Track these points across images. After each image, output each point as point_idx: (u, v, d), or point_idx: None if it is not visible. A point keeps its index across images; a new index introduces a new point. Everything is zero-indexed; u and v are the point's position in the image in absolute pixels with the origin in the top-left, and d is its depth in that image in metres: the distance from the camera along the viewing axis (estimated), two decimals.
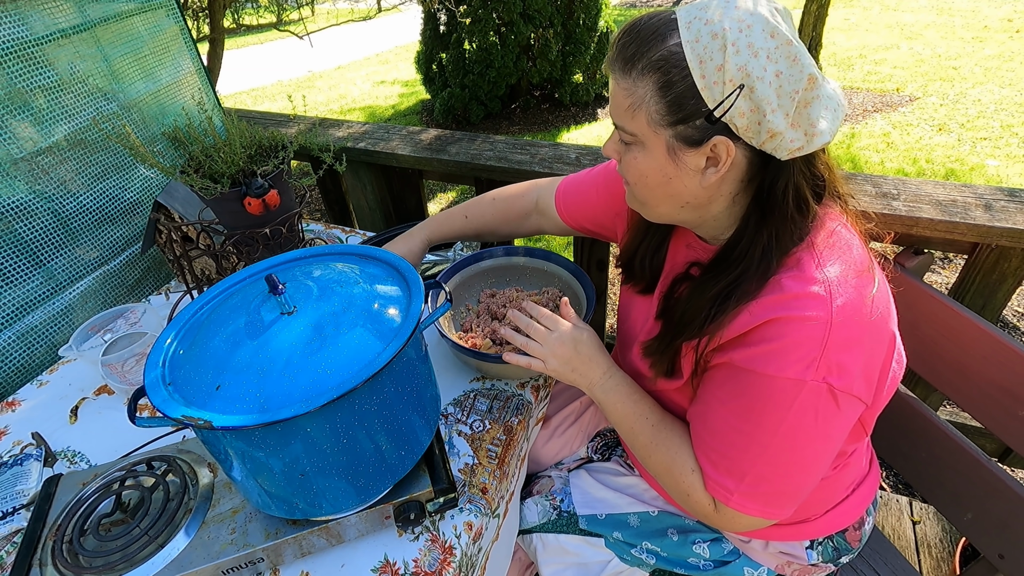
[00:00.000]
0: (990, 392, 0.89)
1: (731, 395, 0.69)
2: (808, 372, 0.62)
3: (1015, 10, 6.74)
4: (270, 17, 8.85)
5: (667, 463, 0.77)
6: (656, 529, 0.93)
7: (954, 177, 3.44)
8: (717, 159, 0.63)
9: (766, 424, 0.66)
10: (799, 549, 0.87)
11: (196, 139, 1.10)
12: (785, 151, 0.61)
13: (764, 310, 0.64)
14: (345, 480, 0.64)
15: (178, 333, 0.66)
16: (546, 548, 0.97)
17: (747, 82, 0.57)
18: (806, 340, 0.62)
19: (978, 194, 1.27)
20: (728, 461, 0.70)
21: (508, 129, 4.85)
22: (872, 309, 0.65)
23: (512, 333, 0.88)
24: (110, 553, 0.67)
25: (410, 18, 7.24)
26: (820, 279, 0.63)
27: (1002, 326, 2.32)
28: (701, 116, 0.60)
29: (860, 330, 0.63)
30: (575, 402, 1.12)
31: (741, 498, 0.70)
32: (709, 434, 0.73)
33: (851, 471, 0.87)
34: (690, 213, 0.71)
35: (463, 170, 1.75)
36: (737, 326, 0.66)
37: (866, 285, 0.65)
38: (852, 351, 0.63)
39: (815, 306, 0.62)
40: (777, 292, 0.64)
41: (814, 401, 0.63)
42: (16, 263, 1.09)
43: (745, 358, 0.66)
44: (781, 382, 0.63)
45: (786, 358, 0.63)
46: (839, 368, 0.62)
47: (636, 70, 0.62)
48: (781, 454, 0.67)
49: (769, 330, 0.64)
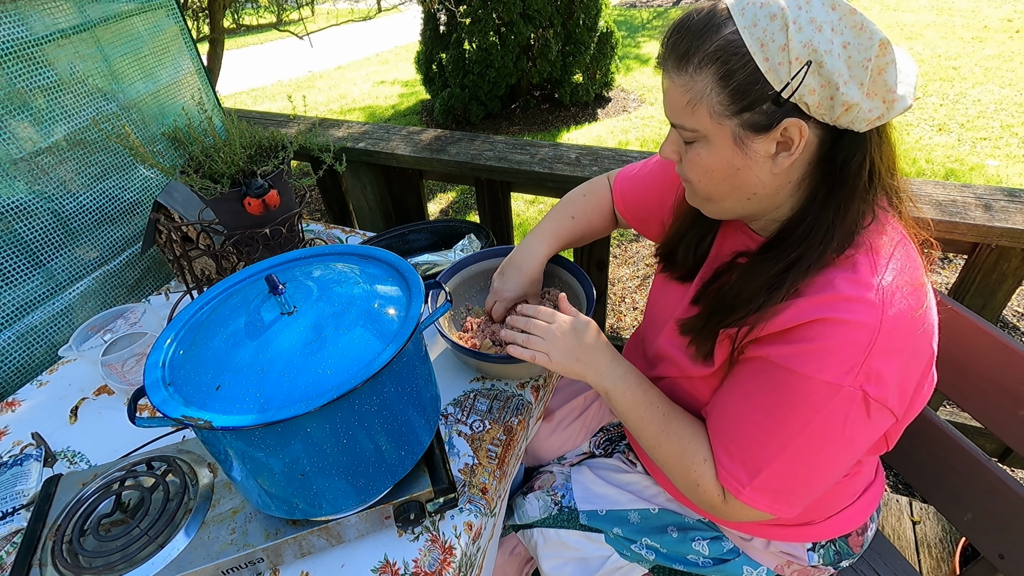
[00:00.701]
0: (990, 392, 0.89)
1: (760, 389, 0.68)
2: (847, 378, 0.61)
3: (1015, 10, 6.74)
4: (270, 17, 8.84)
5: (677, 452, 0.76)
6: (656, 526, 0.93)
7: (954, 177, 3.44)
8: (789, 142, 0.62)
9: (792, 423, 0.65)
10: (800, 550, 0.87)
11: (196, 139, 1.11)
12: (864, 122, 0.59)
13: (813, 308, 0.63)
14: (345, 480, 0.64)
15: (178, 333, 0.66)
16: (547, 543, 0.97)
17: (814, 58, 0.56)
18: (851, 345, 0.60)
19: (978, 194, 1.27)
20: (745, 453, 0.69)
21: (508, 129, 4.85)
22: (919, 324, 0.64)
23: (512, 333, 0.87)
24: (110, 553, 0.67)
25: (410, 18, 7.24)
26: (875, 285, 0.61)
27: (1002, 326, 2.31)
28: (768, 100, 0.59)
29: (904, 342, 0.62)
30: (579, 397, 1.12)
31: (752, 492, 0.69)
32: (730, 425, 0.72)
33: (861, 479, 0.87)
34: (756, 205, 0.69)
35: (463, 170, 1.75)
36: (782, 320, 0.64)
37: (919, 299, 0.64)
38: (893, 362, 0.62)
39: (866, 312, 0.60)
40: (829, 291, 0.63)
41: (846, 407, 0.62)
42: (16, 263, 1.09)
43: (783, 355, 0.65)
44: (816, 384, 0.62)
45: (827, 360, 0.61)
46: (878, 378, 0.61)
47: (692, 65, 0.61)
48: (801, 455, 0.66)
49: (814, 329, 0.62)
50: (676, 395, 0.83)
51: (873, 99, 0.58)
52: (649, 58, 6.28)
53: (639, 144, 4.28)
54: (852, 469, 0.83)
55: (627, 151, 1.66)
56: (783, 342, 0.65)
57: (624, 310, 2.63)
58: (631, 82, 5.57)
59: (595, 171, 1.56)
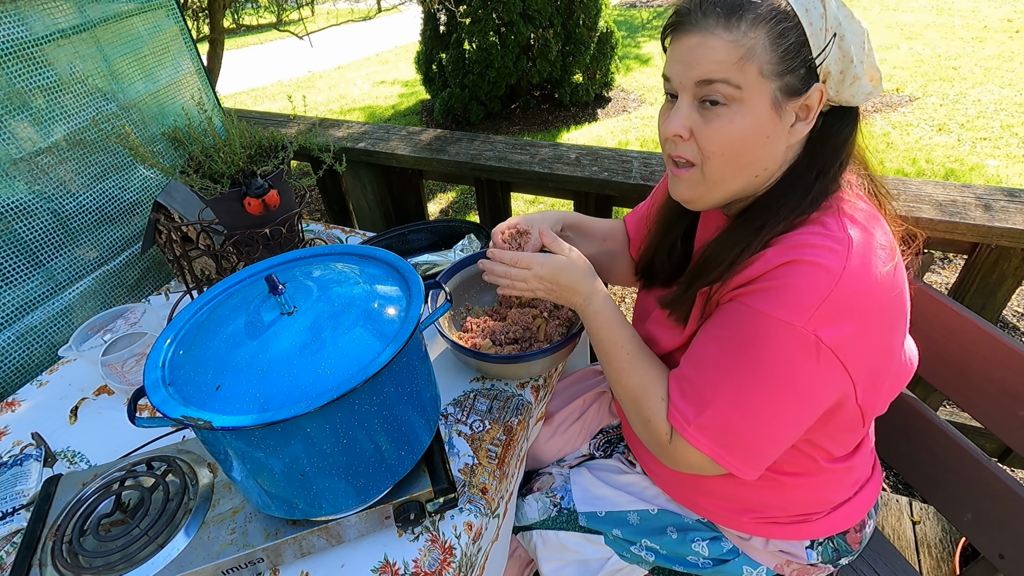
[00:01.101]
0: (990, 392, 0.89)
1: (720, 326, 0.70)
2: (800, 318, 0.62)
3: (1015, 10, 6.74)
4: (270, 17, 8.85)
5: (637, 388, 0.78)
6: (655, 527, 0.93)
7: (954, 177, 3.44)
8: (806, 111, 0.65)
9: (742, 359, 0.66)
10: (799, 548, 0.87)
11: (196, 139, 1.11)
12: (863, 95, 0.65)
13: (779, 254, 0.65)
14: (345, 480, 0.64)
15: (178, 333, 0.66)
16: (546, 545, 0.97)
17: (839, 31, 0.61)
18: (810, 287, 0.62)
19: (978, 194, 1.27)
20: (696, 391, 0.71)
21: (508, 129, 4.85)
22: (886, 284, 0.64)
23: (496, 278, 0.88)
24: (110, 553, 0.67)
25: (410, 18, 7.25)
26: (841, 238, 0.64)
27: (1002, 326, 2.31)
28: (804, 66, 0.62)
29: (866, 296, 0.63)
30: (578, 399, 1.12)
31: (696, 431, 0.70)
32: (688, 364, 0.73)
33: (855, 472, 0.86)
34: (759, 183, 0.71)
35: (463, 170, 1.75)
36: (753, 270, 0.66)
37: (886, 260, 0.65)
38: (852, 314, 0.62)
39: (829, 257, 0.62)
40: (794, 241, 0.65)
41: (796, 348, 0.63)
42: (16, 263, 1.09)
43: (746, 294, 0.67)
44: (771, 321, 0.63)
45: (784, 299, 0.63)
46: (832, 323, 0.62)
47: (745, 21, 0.61)
48: (747, 393, 0.67)
49: (778, 272, 0.64)
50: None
51: (867, 77, 0.64)
52: (649, 58, 6.28)
53: (639, 144, 4.28)
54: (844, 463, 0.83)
55: (627, 151, 1.66)
56: (750, 285, 0.67)
57: (624, 310, 2.63)
58: (631, 82, 5.57)
59: (595, 171, 1.56)
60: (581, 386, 1.16)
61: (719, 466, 0.71)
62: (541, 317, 1.05)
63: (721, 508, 0.88)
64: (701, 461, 0.71)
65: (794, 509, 0.85)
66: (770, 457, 0.71)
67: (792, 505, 0.85)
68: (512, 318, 1.03)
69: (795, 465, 0.80)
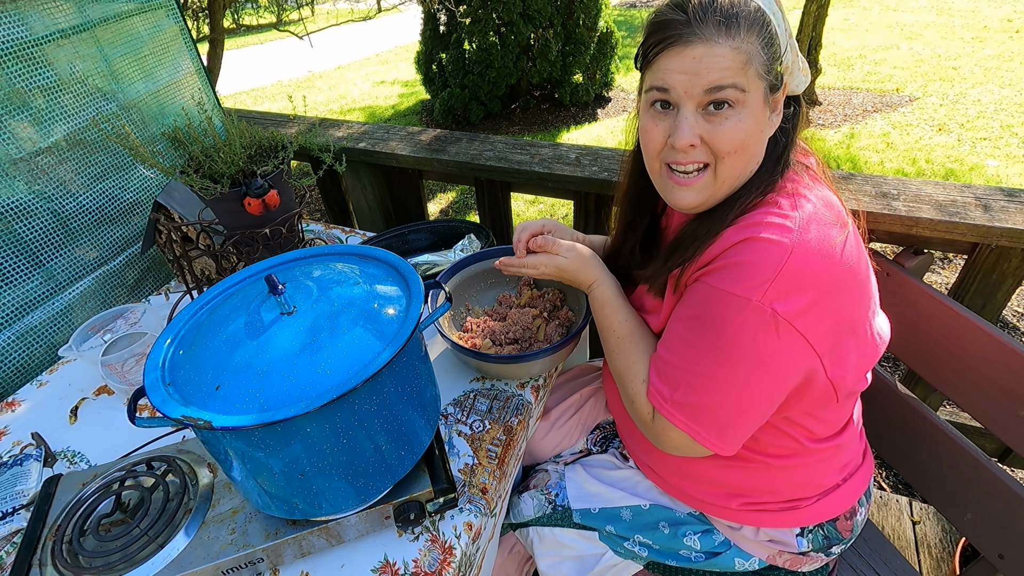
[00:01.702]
0: (990, 392, 0.89)
1: (687, 307, 0.74)
2: (755, 292, 0.65)
3: (1015, 10, 6.74)
4: (270, 17, 8.85)
5: (624, 367, 0.83)
6: (647, 522, 0.93)
7: (954, 177, 3.44)
8: (777, 103, 0.72)
9: (706, 336, 0.70)
10: (789, 536, 0.88)
11: (196, 139, 1.11)
12: (803, 85, 0.74)
13: (734, 233, 0.69)
14: (345, 480, 0.64)
15: (178, 333, 0.66)
16: (542, 541, 0.97)
17: (790, 30, 0.69)
18: (763, 262, 0.65)
19: (977, 194, 1.27)
20: (670, 369, 0.74)
21: (508, 129, 4.85)
22: (840, 256, 0.67)
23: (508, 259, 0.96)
24: (110, 553, 0.67)
25: (410, 18, 7.25)
26: (792, 215, 0.68)
27: (1002, 326, 2.32)
28: (780, 63, 0.69)
29: (819, 268, 0.65)
30: (575, 394, 1.13)
31: (672, 407, 0.73)
32: (663, 345, 0.77)
33: (842, 455, 0.87)
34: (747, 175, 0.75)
35: (463, 170, 1.75)
36: (713, 250, 0.70)
37: (839, 234, 0.68)
38: (807, 286, 0.65)
39: (780, 232, 0.66)
40: (750, 219, 0.69)
41: (754, 322, 0.65)
42: (16, 263, 1.09)
43: (707, 273, 0.71)
44: (729, 297, 0.67)
45: (740, 275, 0.66)
46: (787, 297, 0.64)
47: (742, 28, 0.66)
48: (712, 368, 0.70)
49: (734, 250, 0.68)
50: None
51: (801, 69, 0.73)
52: None
53: None
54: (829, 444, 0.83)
55: (627, 151, 1.66)
56: (711, 265, 0.71)
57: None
58: (631, 82, 5.56)
59: (595, 171, 1.56)
60: (579, 381, 1.17)
61: (697, 443, 0.73)
62: (541, 317, 1.05)
63: (710, 494, 0.88)
64: (681, 439, 0.75)
65: (783, 494, 0.86)
66: (744, 432, 0.74)
67: (780, 489, 0.86)
68: (512, 318, 1.03)
69: (779, 447, 0.82)
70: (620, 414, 0.99)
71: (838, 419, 0.84)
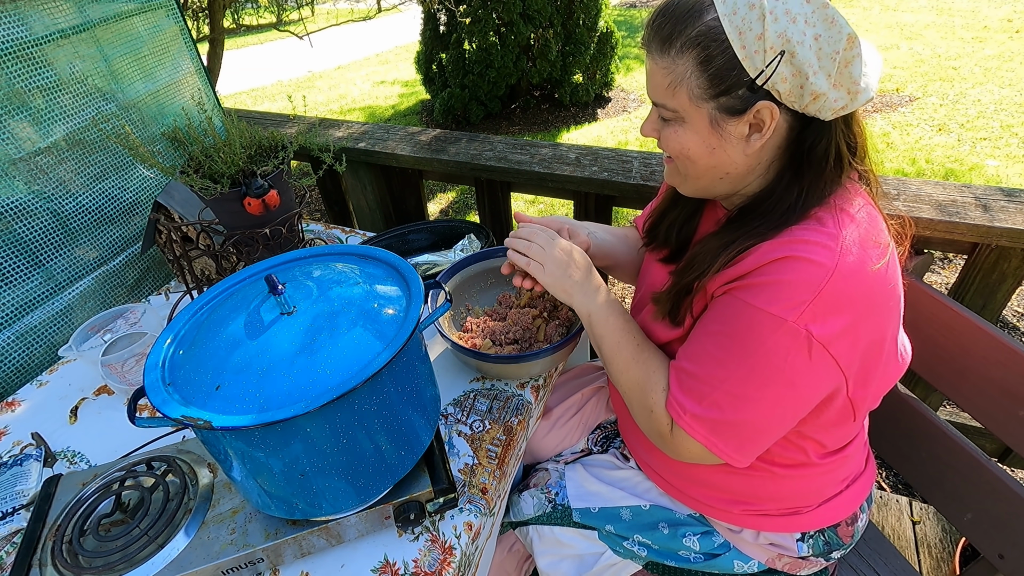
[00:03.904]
0: (990, 392, 0.89)
1: (715, 321, 0.71)
2: (792, 313, 0.63)
3: (1015, 10, 6.74)
4: (270, 17, 8.84)
5: (642, 379, 0.79)
6: (647, 522, 0.93)
7: (953, 177, 3.44)
8: (761, 124, 0.66)
9: (736, 352, 0.68)
10: (789, 540, 0.87)
11: (196, 139, 1.11)
12: (829, 111, 0.63)
13: (773, 250, 0.66)
14: (345, 480, 0.64)
15: (178, 333, 0.66)
16: (542, 540, 0.97)
17: (787, 48, 0.59)
18: (802, 283, 0.63)
19: (977, 195, 1.27)
20: (693, 381, 0.72)
21: (508, 129, 4.85)
22: (877, 280, 0.65)
23: (513, 241, 0.89)
24: (110, 553, 0.67)
25: (410, 18, 7.24)
26: (835, 234, 0.65)
27: (1002, 326, 2.31)
28: (743, 86, 0.63)
29: (858, 291, 0.64)
30: (576, 394, 1.13)
31: (692, 420, 0.71)
32: (686, 356, 0.75)
33: (847, 466, 0.87)
34: (728, 185, 0.73)
35: (463, 170, 1.75)
36: (747, 263, 0.67)
37: (879, 257, 0.66)
38: (844, 309, 0.63)
39: (822, 253, 0.63)
40: (788, 236, 0.66)
41: (788, 343, 0.64)
42: (15, 263, 1.09)
43: (741, 288, 0.68)
44: (764, 315, 0.65)
45: (778, 294, 0.64)
46: (823, 319, 0.63)
47: (674, 48, 0.64)
48: (741, 385, 0.68)
49: (772, 267, 0.65)
50: None
51: (839, 90, 0.62)
52: None
53: (639, 144, 4.28)
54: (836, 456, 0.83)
55: (627, 151, 1.66)
56: (744, 280, 0.68)
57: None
58: (631, 82, 5.56)
59: (595, 171, 1.56)
60: (580, 381, 1.16)
61: (713, 455, 0.72)
62: (541, 317, 1.05)
63: (713, 498, 0.88)
64: (698, 450, 0.73)
65: (785, 502, 0.86)
66: (762, 446, 0.73)
67: (783, 497, 0.85)
68: (512, 318, 1.03)
69: (787, 457, 0.81)
70: (623, 413, 0.99)
71: (849, 433, 0.83)
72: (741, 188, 0.74)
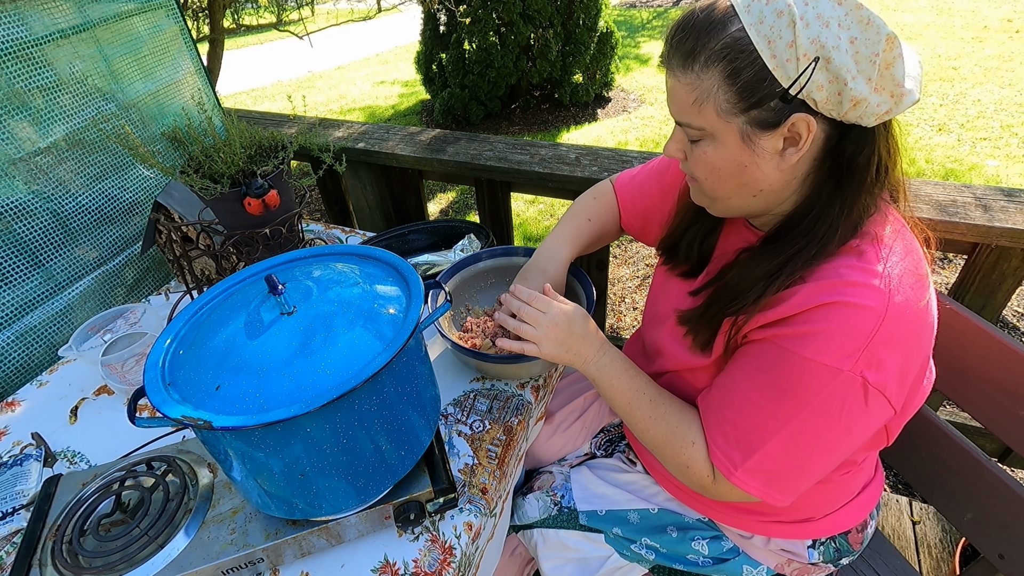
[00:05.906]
0: (990, 392, 0.89)
1: (761, 370, 0.68)
2: (847, 362, 0.60)
3: (1015, 10, 6.74)
4: (270, 17, 8.84)
5: (666, 436, 0.77)
6: (655, 526, 0.93)
7: (953, 177, 3.44)
8: (796, 138, 0.62)
9: (789, 405, 0.65)
10: (800, 547, 0.87)
11: (196, 139, 1.11)
12: (872, 116, 0.60)
13: (819, 293, 0.63)
14: (345, 480, 0.64)
15: (177, 333, 0.66)
16: (546, 543, 0.97)
17: (822, 54, 0.56)
18: (854, 329, 0.60)
19: (977, 194, 1.27)
20: (741, 433, 0.69)
21: (508, 129, 4.85)
22: (925, 316, 0.64)
23: (505, 318, 0.87)
24: (110, 553, 0.67)
25: (410, 18, 7.24)
26: (882, 273, 0.62)
27: (1002, 326, 2.31)
28: (775, 97, 0.59)
29: (908, 331, 0.62)
30: (579, 398, 1.12)
31: (744, 474, 0.69)
32: (727, 405, 0.71)
33: (860, 475, 0.87)
34: (762, 201, 0.69)
35: (463, 170, 1.75)
36: (788, 307, 0.64)
37: (923, 290, 0.64)
38: (895, 351, 0.61)
39: (872, 297, 0.60)
40: (835, 278, 0.63)
41: (844, 392, 0.62)
42: (15, 263, 1.09)
43: (786, 337, 0.65)
44: (816, 366, 0.62)
45: (829, 343, 0.61)
46: (879, 365, 0.61)
47: (698, 63, 0.61)
48: (796, 438, 0.66)
49: (818, 313, 0.62)
50: (676, 389, 0.83)
51: (881, 93, 0.58)
52: (649, 58, 6.28)
53: (639, 144, 4.28)
54: (851, 465, 0.83)
55: (627, 151, 1.66)
56: (788, 326, 0.65)
57: (624, 310, 2.63)
58: (631, 82, 5.57)
59: (595, 171, 1.56)
60: (582, 385, 1.16)
61: (766, 500, 0.71)
62: None
63: (725, 506, 0.88)
64: (747, 497, 0.72)
65: (798, 513, 0.85)
66: (810, 485, 0.72)
67: (797, 507, 0.85)
68: None
69: None
70: None
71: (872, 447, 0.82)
72: (775, 206, 0.70)
